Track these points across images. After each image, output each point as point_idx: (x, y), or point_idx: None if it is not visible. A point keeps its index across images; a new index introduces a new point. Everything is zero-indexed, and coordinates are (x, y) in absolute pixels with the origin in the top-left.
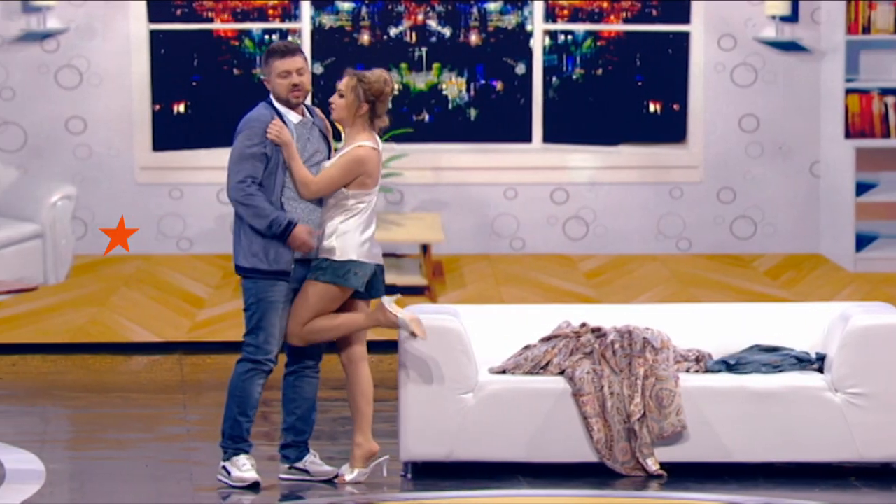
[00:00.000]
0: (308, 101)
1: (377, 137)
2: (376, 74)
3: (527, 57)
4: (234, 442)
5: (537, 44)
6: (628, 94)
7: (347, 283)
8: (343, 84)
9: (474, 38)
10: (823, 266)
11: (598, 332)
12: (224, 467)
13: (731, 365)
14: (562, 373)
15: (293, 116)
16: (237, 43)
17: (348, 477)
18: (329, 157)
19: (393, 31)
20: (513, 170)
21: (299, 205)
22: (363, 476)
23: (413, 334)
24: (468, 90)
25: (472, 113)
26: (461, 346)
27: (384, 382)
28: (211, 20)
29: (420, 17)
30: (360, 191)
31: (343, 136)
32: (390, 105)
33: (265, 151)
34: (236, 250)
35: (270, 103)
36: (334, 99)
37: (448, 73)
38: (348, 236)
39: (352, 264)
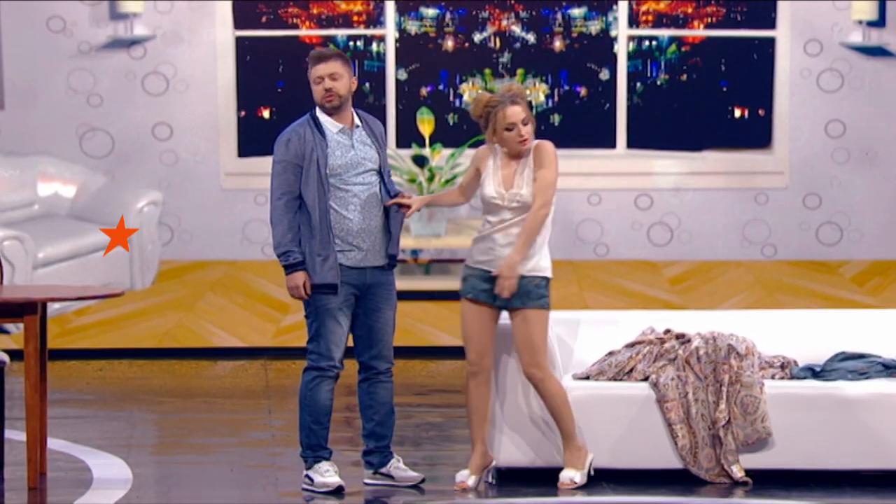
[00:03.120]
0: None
1: None
2: (514, 87)
3: (611, 62)
4: (313, 451)
5: (621, 49)
6: (713, 99)
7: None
8: (524, 111)
9: (558, 44)
10: None
11: (683, 339)
12: (307, 476)
13: (816, 372)
14: (646, 379)
15: (332, 125)
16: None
17: (578, 479)
18: (382, 164)
19: (477, 37)
20: (597, 175)
21: (357, 213)
22: (584, 478)
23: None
24: (552, 96)
25: (556, 119)
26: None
27: None
28: (296, 26)
29: (504, 23)
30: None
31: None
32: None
33: (297, 163)
34: None
35: (314, 115)
36: (525, 130)
37: (532, 79)
38: (545, 252)
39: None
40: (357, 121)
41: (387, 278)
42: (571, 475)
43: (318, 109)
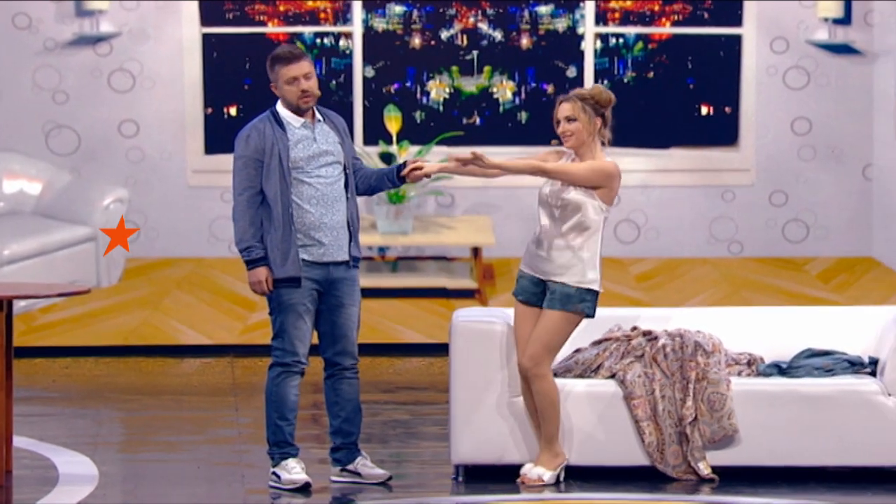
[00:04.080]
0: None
1: None
2: (594, 88)
3: (578, 60)
4: (280, 447)
5: (588, 47)
6: (680, 97)
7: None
8: (569, 110)
9: (525, 42)
10: (876, 269)
11: (650, 336)
12: (274, 473)
13: (783, 369)
14: (613, 376)
15: (294, 120)
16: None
17: (546, 478)
18: (347, 158)
19: (444, 35)
20: None
21: (318, 207)
22: (553, 479)
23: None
24: (519, 93)
25: (523, 116)
26: (511, 349)
27: (435, 385)
28: (263, 24)
29: (471, 21)
30: (606, 205)
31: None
32: (442, 109)
33: (258, 158)
34: None
35: (274, 111)
36: (566, 127)
37: (499, 77)
38: (595, 262)
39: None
40: (318, 115)
41: (350, 274)
42: (541, 472)
43: (279, 106)
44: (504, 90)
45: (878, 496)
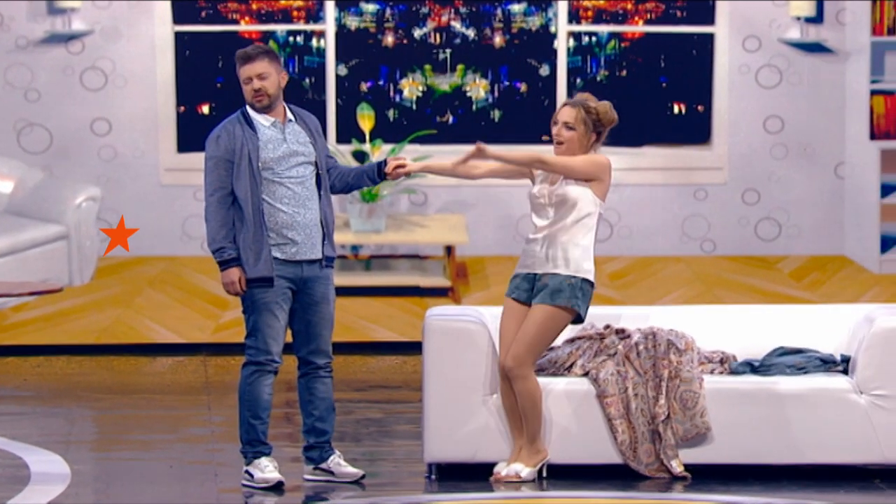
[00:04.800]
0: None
1: None
2: (602, 104)
3: (551, 58)
4: (253, 446)
5: (561, 45)
6: (652, 95)
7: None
8: (570, 116)
9: (498, 40)
10: (848, 268)
11: (623, 334)
12: (247, 471)
13: (755, 367)
14: (586, 374)
15: (264, 120)
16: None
17: (524, 474)
18: (320, 157)
19: (417, 33)
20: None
21: (290, 206)
22: (531, 476)
23: None
24: (492, 91)
25: (496, 114)
26: (485, 347)
27: (408, 384)
28: (236, 22)
29: (444, 19)
30: (601, 200)
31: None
32: (415, 108)
33: (228, 158)
34: None
35: (244, 112)
36: (561, 132)
37: (472, 75)
38: (589, 254)
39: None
40: (290, 115)
41: (324, 273)
42: (518, 469)
43: (248, 107)
44: (477, 88)
45: (850, 494)
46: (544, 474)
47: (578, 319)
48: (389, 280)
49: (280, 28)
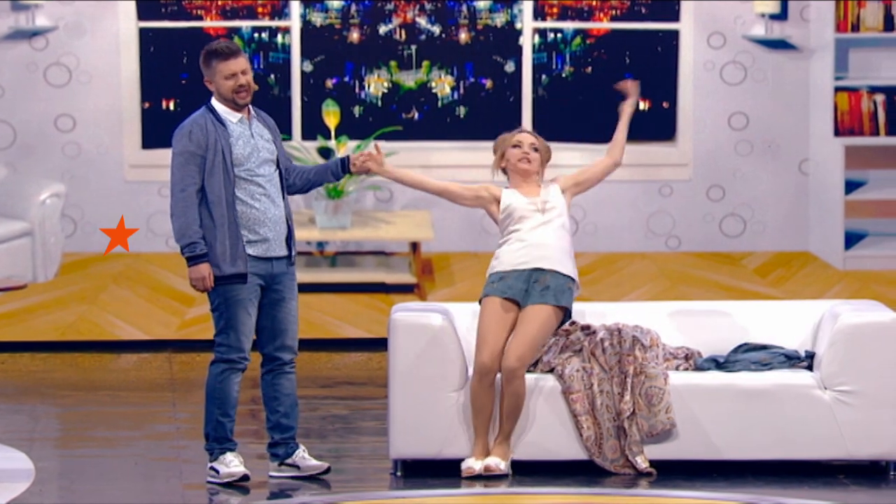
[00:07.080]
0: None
1: None
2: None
3: (516, 55)
4: (220, 443)
5: (526, 42)
6: (617, 91)
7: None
8: (533, 140)
9: (464, 36)
10: (812, 264)
11: (588, 330)
12: (212, 468)
13: (720, 363)
14: (551, 370)
15: (231, 115)
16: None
17: (503, 467)
18: (280, 157)
19: (382, 29)
20: None
21: (264, 203)
22: (508, 469)
23: None
24: (457, 88)
25: (462, 111)
26: (450, 343)
27: (374, 380)
28: (200, 18)
29: (409, 15)
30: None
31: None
32: (380, 104)
33: (200, 154)
34: None
35: (210, 107)
36: (531, 154)
37: (437, 71)
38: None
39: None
40: (253, 112)
41: (290, 269)
42: (498, 462)
43: (213, 101)
44: (443, 85)
45: (815, 489)
46: (510, 470)
47: (565, 319)
48: (355, 276)
49: (245, 24)
